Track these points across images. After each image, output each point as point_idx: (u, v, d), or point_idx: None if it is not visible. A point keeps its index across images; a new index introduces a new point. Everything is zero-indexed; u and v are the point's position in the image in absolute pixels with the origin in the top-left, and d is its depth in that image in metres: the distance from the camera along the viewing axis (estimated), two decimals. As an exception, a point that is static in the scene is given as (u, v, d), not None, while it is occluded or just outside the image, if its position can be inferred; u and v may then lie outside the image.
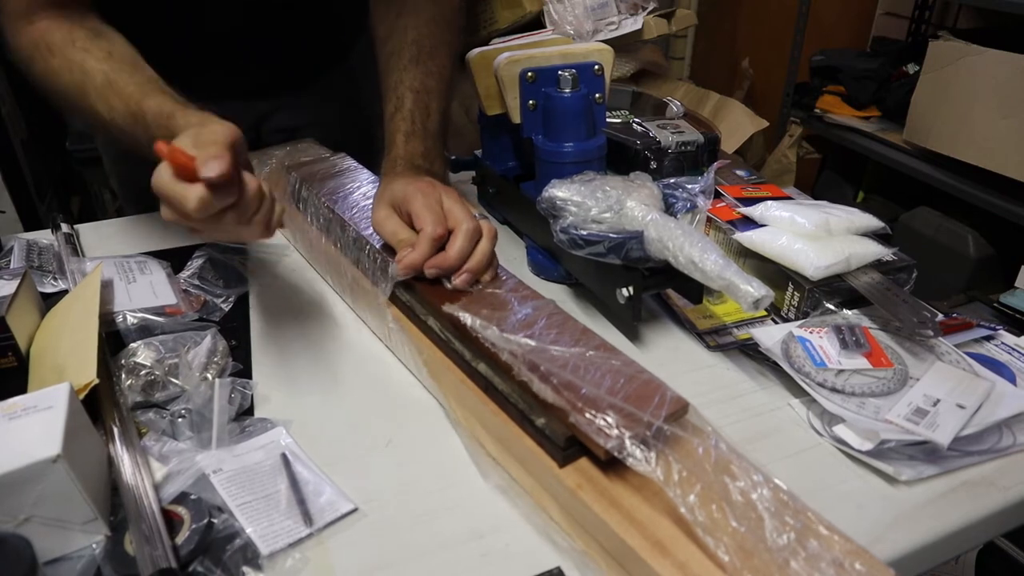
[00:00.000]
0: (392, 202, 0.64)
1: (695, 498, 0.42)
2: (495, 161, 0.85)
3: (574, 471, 0.45)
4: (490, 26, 1.86)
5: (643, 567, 0.39)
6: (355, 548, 0.46)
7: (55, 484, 0.42)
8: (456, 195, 0.63)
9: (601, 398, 0.45)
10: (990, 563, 1.08)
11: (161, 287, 0.70)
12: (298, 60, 0.92)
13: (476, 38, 1.85)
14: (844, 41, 2.22)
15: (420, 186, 0.62)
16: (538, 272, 0.76)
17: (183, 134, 0.54)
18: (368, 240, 0.66)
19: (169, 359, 0.58)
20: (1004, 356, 0.62)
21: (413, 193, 0.61)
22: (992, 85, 1.57)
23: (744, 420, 0.56)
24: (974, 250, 1.71)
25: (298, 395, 0.59)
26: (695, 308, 0.68)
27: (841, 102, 2.06)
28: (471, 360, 0.53)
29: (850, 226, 0.67)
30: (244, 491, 0.48)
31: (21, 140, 1.96)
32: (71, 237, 0.81)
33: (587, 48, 0.71)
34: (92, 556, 0.44)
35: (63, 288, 0.73)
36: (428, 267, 0.59)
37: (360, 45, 0.97)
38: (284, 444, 0.53)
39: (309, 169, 0.82)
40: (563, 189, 0.64)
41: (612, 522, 0.41)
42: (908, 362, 0.58)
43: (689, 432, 0.46)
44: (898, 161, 1.84)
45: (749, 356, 0.63)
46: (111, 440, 0.50)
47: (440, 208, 0.61)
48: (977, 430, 0.51)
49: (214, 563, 0.44)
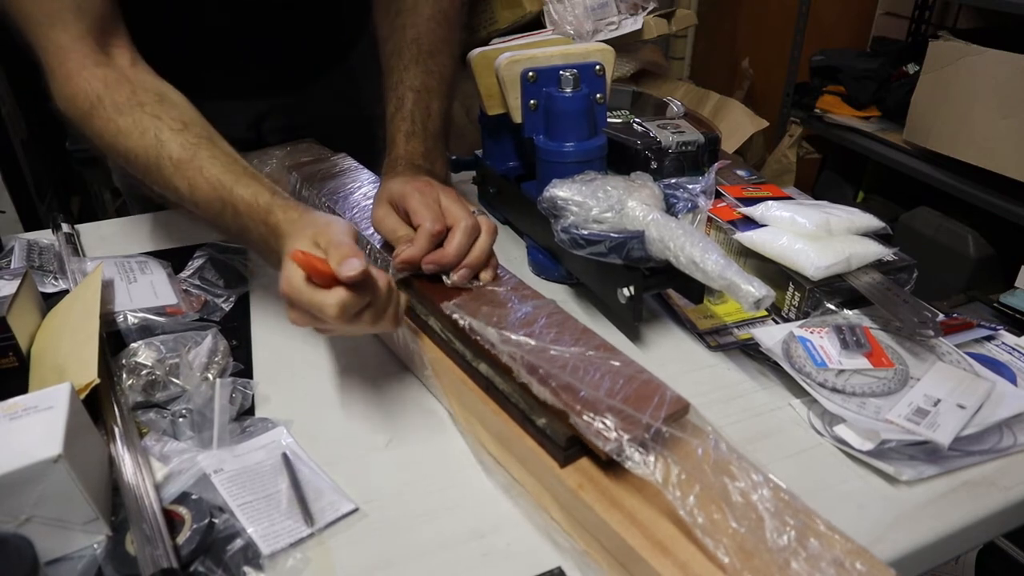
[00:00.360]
0: (391, 200, 0.64)
1: (694, 499, 0.42)
2: (496, 161, 0.85)
3: (575, 471, 0.45)
4: (490, 26, 1.86)
5: (644, 567, 0.39)
6: (356, 548, 0.46)
7: (56, 484, 0.42)
8: (454, 194, 0.63)
9: (600, 400, 0.45)
10: (990, 563, 1.08)
11: (162, 287, 0.70)
12: (298, 60, 0.92)
13: (476, 38, 1.85)
14: (844, 41, 2.22)
15: (418, 185, 0.62)
16: (539, 272, 0.76)
17: (300, 235, 0.53)
18: (368, 240, 0.66)
19: (170, 359, 0.58)
20: (1005, 356, 0.62)
21: (411, 191, 0.61)
22: (992, 85, 1.57)
23: (745, 420, 0.56)
24: (974, 250, 1.71)
25: (299, 395, 0.59)
26: (696, 308, 0.68)
27: (841, 102, 2.06)
28: (472, 360, 0.53)
29: (850, 226, 0.67)
30: (245, 491, 0.48)
31: (21, 140, 1.96)
32: (72, 237, 0.81)
33: (588, 48, 0.71)
34: (93, 556, 0.44)
35: (64, 288, 0.73)
36: (426, 263, 0.58)
37: (361, 45, 0.97)
38: (285, 444, 0.53)
39: (309, 169, 0.82)
40: (564, 189, 0.64)
41: (613, 522, 0.41)
42: (909, 362, 0.58)
43: (689, 432, 0.46)
44: (898, 161, 1.84)
45: (750, 356, 0.63)
46: (112, 440, 0.50)
47: (438, 206, 0.61)
48: (978, 430, 0.51)
49: (215, 563, 0.44)
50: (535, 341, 0.50)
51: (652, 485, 0.43)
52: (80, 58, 0.62)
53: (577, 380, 0.47)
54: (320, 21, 0.90)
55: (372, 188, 0.76)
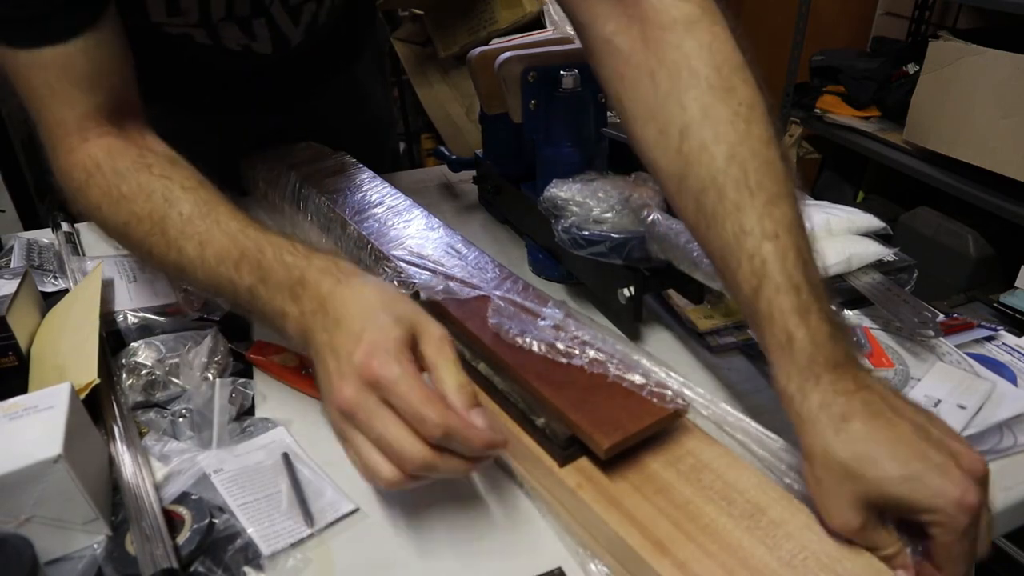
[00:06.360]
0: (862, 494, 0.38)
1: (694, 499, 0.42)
2: (496, 161, 0.85)
3: (574, 471, 0.45)
4: (490, 26, 1.86)
5: (643, 566, 0.39)
6: (356, 548, 0.46)
7: (56, 484, 0.42)
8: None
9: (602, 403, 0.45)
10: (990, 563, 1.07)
11: (162, 286, 0.70)
12: (307, 76, 0.91)
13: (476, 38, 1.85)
14: (844, 41, 2.22)
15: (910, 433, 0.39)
16: (539, 272, 0.76)
17: (380, 312, 0.43)
18: (369, 239, 0.66)
19: (170, 359, 0.58)
20: (1005, 356, 0.62)
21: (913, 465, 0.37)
22: (992, 85, 1.57)
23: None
24: (974, 250, 1.71)
25: (299, 395, 0.59)
26: (695, 308, 0.68)
27: (841, 102, 2.06)
28: (471, 360, 0.53)
29: (851, 226, 0.67)
30: (245, 491, 0.48)
31: (21, 140, 1.96)
32: (72, 236, 0.81)
33: (588, 48, 0.71)
34: (93, 556, 0.44)
35: (64, 287, 0.72)
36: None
37: (366, 54, 0.96)
38: (285, 444, 0.53)
39: (309, 169, 0.82)
40: (565, 189, 0.64)
41: (612, 521, 0.41)
42: (909, 362, 0.58)
43: (688, 433, 0.46)
44: (898, 161, 1.84)
45: (750, 356, 0.63)
46: (112, 440, 0.50)
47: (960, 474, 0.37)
48: (978, 431, 0.51)
49: (215, 563, 0.44)
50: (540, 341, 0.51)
51: (651, 484, 0.43)
52: (83, 133, 0.55)
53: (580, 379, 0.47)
54: (332, 44, 0.90)
55: (372, 188, 0.76)
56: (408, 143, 2.41)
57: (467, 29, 1.89)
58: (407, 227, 0.68)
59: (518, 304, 0.55)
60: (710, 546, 0.39)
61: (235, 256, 0.49)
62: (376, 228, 0.68)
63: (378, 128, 1.05)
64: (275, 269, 0.48)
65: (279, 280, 0.47)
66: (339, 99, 0.95)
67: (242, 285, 0.48)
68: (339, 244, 0.70)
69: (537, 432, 0.47)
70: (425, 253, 0.63)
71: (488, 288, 0.58)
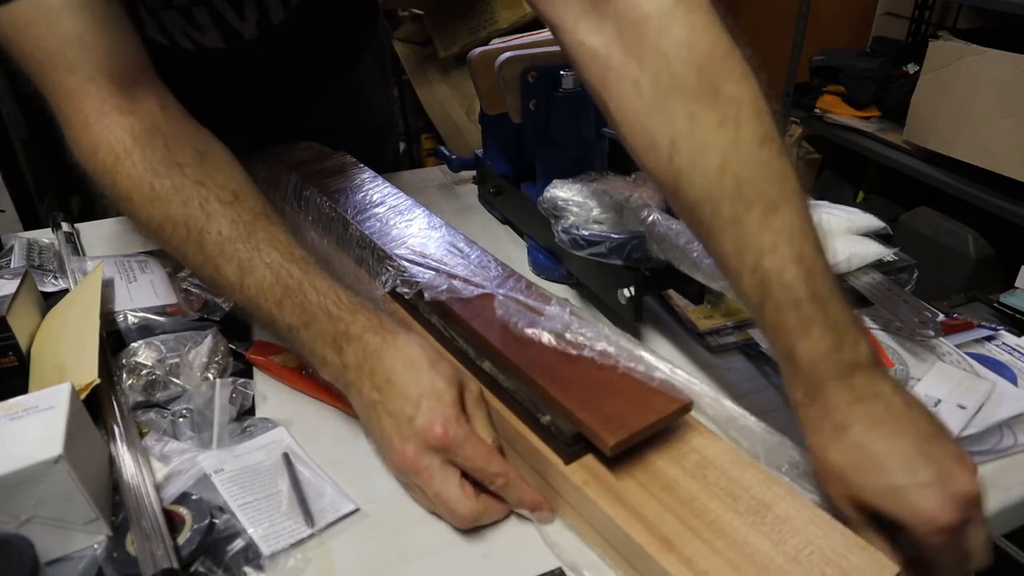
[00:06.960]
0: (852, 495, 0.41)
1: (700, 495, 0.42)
2: (496, 161, 0.85)
3: (580, 468, 0.45)
4: (490, 26, 1.86)
5: (649, 563, 0.39)
6: (357, 548, 0.46)
7: (56, 484, 0.42)
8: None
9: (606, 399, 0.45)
10: (990, 563, 1.07)
11: (162, 286, 0.70)
12: (306, 77, 0.91)
13: (476, 38, 1.85)
14: (844, 41, 2.22)
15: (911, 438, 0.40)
16: (539, 272, 0.76)
17: (438, 380, 0.47)
18: (371, 239, 0.66)
19: (170, 359, 0.58)
20: (1005, 356, 0.62)
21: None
22: (992, 85, 1.57)
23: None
24: (974, 250, 1.71)
25: (299, 395, 0.59)
26: (696, 308, 0.68)
27: (841, 102, 2.06)
28: (475, 358, 0.53)
29: (850, 226, 0.66)
30: (245, 491, 0.48)
31: (21, 140, 1.96)
32: (72, 236, 0.81)
33: (588, 48, 0.71)
34: (93, 556, 0.44)
35: (64, 287, 0.72)
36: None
37: (367, 54, 0.96)
38: (285, 444, 0.53)
39: (309, 168, 0.82)
40: (564, 189, 0.64)
41: (618, 518, 0.41)
42: (909, 362, 0.58)
43: (693, 430, 0.46)
44: (898, 161, 1.85)
45: (750, 356, 0.63)
46: (112, 440, 0.50)
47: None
48: (978, 430, 0.51)
49: (215, 563, 0.44)
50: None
51: (657, 481, 0.43)
52: (97, 103, 0.53)
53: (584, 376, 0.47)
54: (331, 45, 0.89)
55: (373, 187, 0.76)
56: (408, 143, 2.42)
57: (467, 29, 1.89)
58: (409, 226, 0.68)
59: (521, 303, 0.55)
60: (716, 542, 0.39)
61: (278, 294, 0.50)
62: (378, 228, 0.68)
63: (379, 130, 1.05)
64: (319, 317, 0.49)
65: (322, 328, 0.49)
66: (340, 101, 0.95)
67: (282, 322, 0.50)
68: (341, 244, 0.70)
69: (542, 429, 0.47)
70: (428, 252, 0.63)
71: (491, 287, 0.58)
